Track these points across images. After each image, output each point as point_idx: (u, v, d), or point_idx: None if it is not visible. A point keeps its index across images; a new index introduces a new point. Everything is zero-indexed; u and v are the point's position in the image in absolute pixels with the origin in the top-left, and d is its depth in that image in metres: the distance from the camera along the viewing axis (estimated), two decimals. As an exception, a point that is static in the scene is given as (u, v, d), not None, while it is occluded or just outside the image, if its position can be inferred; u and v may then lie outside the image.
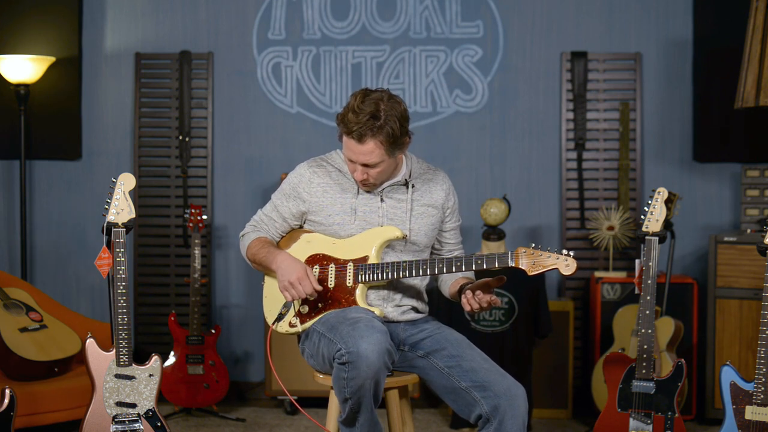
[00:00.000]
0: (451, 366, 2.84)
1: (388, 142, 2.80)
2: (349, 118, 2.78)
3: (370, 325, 2.69)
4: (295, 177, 3.00)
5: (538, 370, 4.49)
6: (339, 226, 2.94)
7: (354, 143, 2.81)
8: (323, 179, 2.96)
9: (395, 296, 2.98)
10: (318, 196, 2.96)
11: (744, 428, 3.23)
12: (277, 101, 4.97)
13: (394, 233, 2.91)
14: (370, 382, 2.63)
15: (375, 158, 2.82)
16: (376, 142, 2.79)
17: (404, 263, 2.87)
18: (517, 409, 2.72)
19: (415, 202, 2.98)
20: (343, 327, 2.72)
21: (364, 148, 2.80)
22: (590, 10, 4.86)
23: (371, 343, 2.62)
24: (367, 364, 2.61)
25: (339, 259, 2.95)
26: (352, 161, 2.85)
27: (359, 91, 2.84)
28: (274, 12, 4.95)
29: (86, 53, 4.98)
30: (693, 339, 4.40)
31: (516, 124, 4.90)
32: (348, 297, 2.92)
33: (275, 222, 3.05)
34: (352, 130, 2.78)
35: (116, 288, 3.23)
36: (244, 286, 4.99)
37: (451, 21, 4.90)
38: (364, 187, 2.93)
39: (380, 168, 2.86)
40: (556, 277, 4.88)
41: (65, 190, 5.02)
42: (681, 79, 4.82)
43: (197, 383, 4.46)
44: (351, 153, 2.83)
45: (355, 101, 2.79)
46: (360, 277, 2.91)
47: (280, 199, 3.03)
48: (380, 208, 2.95)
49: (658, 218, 3.48)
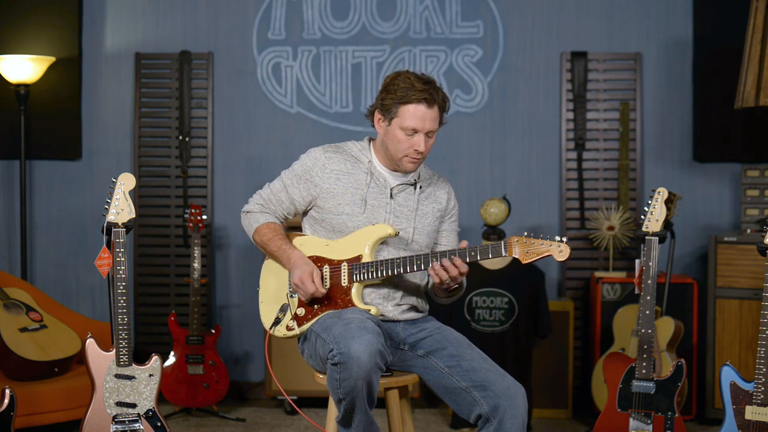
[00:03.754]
0: (450, 366, 2.84)
1: (444, 108, 2.93)
2: (416, 86, 2.86)
3: (362, 326, 2.68)
4: (309, 160, 2.99)
5: (538, 370, 4.49)
6: (347, 217, 2.95)
7: (424, 109, 2.87)
8: (338, 165, 2.97)
9: (395, 294, 2.98)
10: (331, 182, 2.96)
11: (744, 428, 3.23)
12: (277, 101, 4.97)
13: (386, 231, 2.91)
14: (362, 383, 2.63)
15: (437, 124, 2.92)
16: (439, 105, 2.90)
17: (398, 259, 2.87)
18: (517, 409, 2.73)
19: (421, 202, 3.01)
20: (336, 328, 2.72)
21: (433, 113, 2.88)
22: (590, 10, 4.87)
23: (362, 344, 2.62)
24: (358, 365, 2.60)
25: (333, 260, 2.95)
26: (416, 131, 2.88)
27: (397, 73, 2.93)
28: (274, 12, 4.95)
29: (86, 53, 4.99)
30: (693, 339, 4.40)
31: (516, 124, 4.91)
32: (344, 297, 2.92)
33: (283, 203, 3.05)
34: (422, 97, 2.86)
35: (116, 288, 3.23)
36: (244, 286, 4.99)
37: (451, 21, 4.90)
38: (414, 164, 2.94)
39: (434, 138, 2.95)
40: (556, 277, 4.89)
41: (65, 190, 5.02)
42: (681, 79, 4.82)
43: (197, 383, 4.46)
44: (418, 121, 2.87)
45: (408, 77, 2.89)
46: (355, 276, 2.91)
47: (291, 179, 3.02)
48: (388, 204, 2.96)
49: (658, 218, 3.48)
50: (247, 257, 4.97)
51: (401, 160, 2.93)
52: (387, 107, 2.90)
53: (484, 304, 4.35)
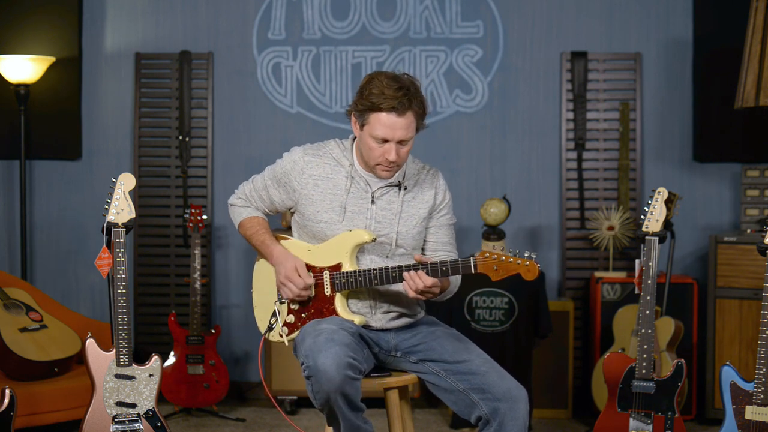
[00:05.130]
0: (447, 370, 2.82)
1: (420, 114, 2.80)
2: (386, 94, 2.73)
3: (330, 338, 2.65)
4: (288, 163, 2.95)
5: (538, 370, 4.49)
6: (326, 225, 2.89)
7: (394, 118, 2.74)
8: (316, 170, 2.91)
9: (382, 303, 2.91)
10: (309, 188, 2.91)
11: (744, 428, 3.23)
12: (277, 101, 4.97)
13: (362, 237, 2.83)
14: (335, 395, 2.59)
15: (411, 132, 2.79)
16: (414, 112, 2.77)
17: (375, 271, 2.80)
18: (518, 411, 2.70)
19: (405, 204, 2.93)
20: (308, 340, 2.70)
21: (404, 121, 2.76)
22: (590, 10, 4.86)
23: (329, 358, 2.58)
24: (326, 378, 2.58)
25: (315, 266, 2.91)
26: (386, 141, 2.77)
27: (373, 74, 2.80)
28: (274, 12, 4.95)
29: (86, 53, 4.99)
30: (693, 339, 4.40)
31: (516, 124, 4.90)
32: (328, 306, 2.88)
33: (264, 200, 3.04)
34: (393, 105, 2.73)
35: (116, 288, 3.23)
36: (244, 286, 4.99)
37: (451, 21, 4.90)
38: (389, 172, 2.84)
39: (409, 146, 2.82)
40: (556, 277, 4.89)
41: (65, 190, 5.02)
42: (681, 79, 4.82)
43: (197, 383, 4.46)
44: (388, 130, 2.75)
45: (381, 81, 2.76)
46: (336, 285, 2.87)
47: (271, 180, 3.00)
48: (369, 209, 2.89)
49: (658, 218, 3.48)
50: (247, 257, 4.97)
51: (375, 168, 2.85)
52: (360, 113, 2.81)
53: (484, 304, 4.35)
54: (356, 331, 2.81)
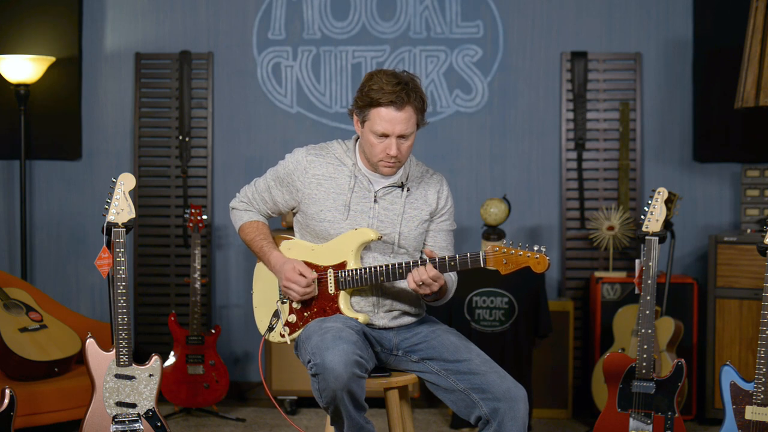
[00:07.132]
0: (447, 369, 2.82)
1: (420, 108, 2.81)
2: (385, 89, 2.75)
3: (337, 335, 2.65)
4: (291, 163, 2.96)
5: (538, 370, 4.49)
6: (329, 224, 2.90)
7: (393, 112, 2.77)
8: (320, 170, 2.92)
9: (385, 302, 2.92)
10: (312, 188, 2.91)
11: (744, 428, 3.23)
12: (277, 101, 4.97)
13: (368, 235, 2.85)
14: (341, 393, 2.60)
15: (411, 127, 2.80)
16: (413, 107, 2.79)
17: (381, 267, 2.81)
18: (517, 411, 2.70)
19: (408, 205, 2.93)
20: (315, 337, 2.70)
21: (403, 115, 2.78)
22: (590, 10, 4.86)
23: (337, 355, 2.58)
24: (334, 376, 2.58)
25: (319, 266, 2.92)
26: (386, 135, 2.79)
27: (373, 72, 2.83)
28: (274, 12, 4.95)
29: (86, 53, 4.99)
30: (693, 339, 4.40)
31: (516, 124, 4.91)
32: (332, 305, 2.88)
33: (267, 202, 3.04)
34: (391, 100, 2.75)
35: (116, 288, 3.23)
36: (244, 286, 4.99)
37: (451, 21, 4.90)
38: (391, 168, 2.86)
39: (410, 141, 2.83)
40: (556, 277, 4.89)
41: (65, 190, 5.02)
42: (681, 79, 4.82)
43: (197, 383, 4.46)
44: (388, 124, 2.77)
45: (380, 77, 2.78)
46: (340, 283, 2.88)
47: (274, 181, 3.00)
48: (372, 209, 2.90)
49: (658, 218, 3.48)
50: (247, 257, 4.97)
51: (377, 165, 2.86)
52: (360, 109, 2.83)
53: (484, 304, 4.35)
54: (361, 330, 2.82)
